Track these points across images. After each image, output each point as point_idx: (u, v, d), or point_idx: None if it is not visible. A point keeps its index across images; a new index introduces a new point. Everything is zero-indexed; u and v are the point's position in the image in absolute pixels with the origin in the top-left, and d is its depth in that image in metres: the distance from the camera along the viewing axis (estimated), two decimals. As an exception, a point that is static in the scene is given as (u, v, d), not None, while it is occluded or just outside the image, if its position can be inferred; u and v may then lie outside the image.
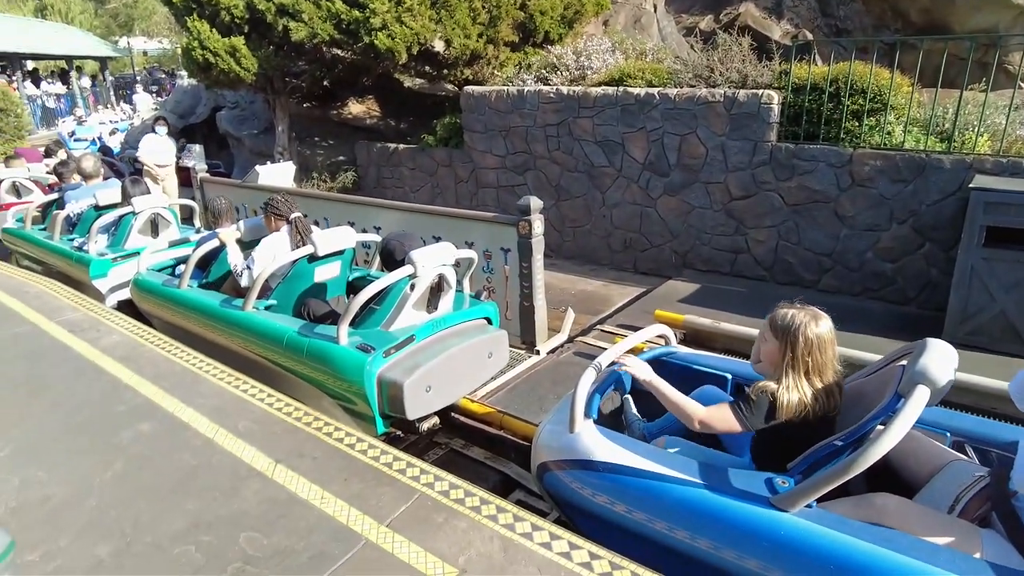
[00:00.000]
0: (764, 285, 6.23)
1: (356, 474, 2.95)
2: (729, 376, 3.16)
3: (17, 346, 4.58)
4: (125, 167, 11.65)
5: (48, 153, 10.90)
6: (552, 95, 7.26)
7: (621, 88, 6.79)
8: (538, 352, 4.98)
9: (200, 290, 4.86)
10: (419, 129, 9.53)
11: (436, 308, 4.01)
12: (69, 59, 23.82)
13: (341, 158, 10.29)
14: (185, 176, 9.54)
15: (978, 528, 2.09)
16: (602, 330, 5.39)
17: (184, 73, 18.58)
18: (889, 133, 5.55)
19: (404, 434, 4.17)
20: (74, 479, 2.99)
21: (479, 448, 4.16)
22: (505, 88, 7.77)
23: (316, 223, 6.12)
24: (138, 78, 27.58)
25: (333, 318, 4.10)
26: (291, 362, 4.00)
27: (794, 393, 2.20)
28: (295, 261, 4.25)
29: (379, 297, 3.86)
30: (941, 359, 2.07)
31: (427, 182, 9.07)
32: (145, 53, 34.02)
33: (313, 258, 4.24)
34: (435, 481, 2.87)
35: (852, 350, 4.31)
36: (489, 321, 4.39)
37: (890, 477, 2.36)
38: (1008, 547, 1.99)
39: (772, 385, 2.26)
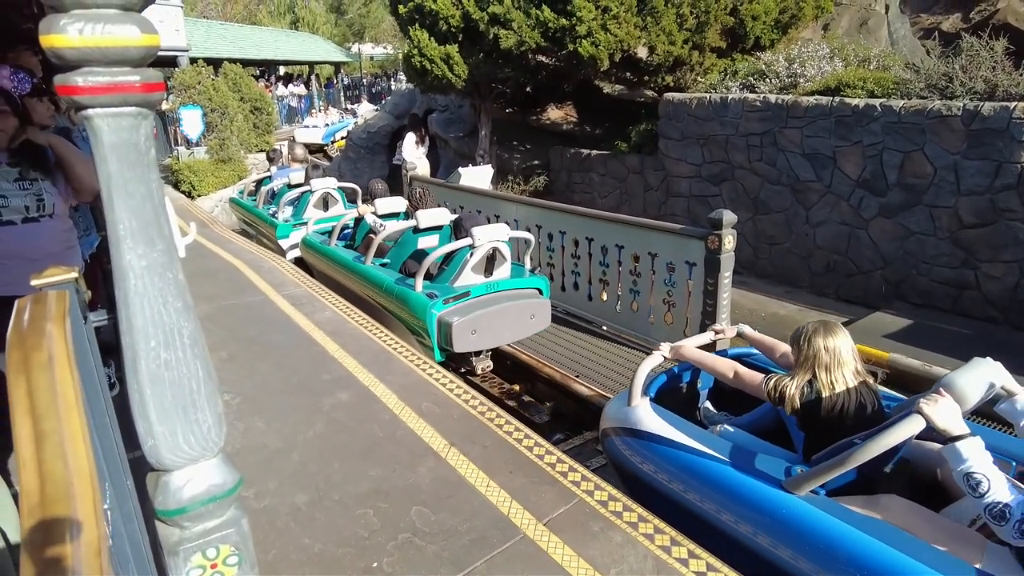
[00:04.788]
0: (995, 328, 5.38)
1: (520, 468, 3.05)
2: None
3: (252, 312, 5.36)
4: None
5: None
6: (758, 103, 6.89)
7: (837, 98, 6.25)
8: (715, 373, 4.76)
9: (343, 248, 6.23)
10: (613, 136, 9.56)
11: (491, 274, 4.96)
12: (311, 64, 27.27)
13: (535, 162, 10.64)
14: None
15: (986, 540, 2.08)
16: (789, 357, 5.01)
17: (403, 77, 20.39)
18: None
19: (470, 374, 5.14)
20: (285, 433, 3.44)
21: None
22: (707, 95, 7.52)
23: (507, 223, 6.42)
24: (364, 80, 30.80)
25: (426, 276, 5.08)
26: (387, 303, 5.17)
27: (793, 387, 2.48)
28: (403, 231, 5.51)
29: (449, 260, 4.89)
30: (973, 376, 2.21)
31: (616, 188, 9.06)
32: (372, 58, 37.81)
33: (417, 230, 5.37)
34: (595, 490, 2.88)
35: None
36: (540, 292, 5.19)
37: (936, 491, 2.42)
38: (1012, 561, 1.95)
39: (779, 376, 2.56)
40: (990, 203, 5.34)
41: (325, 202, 7.72)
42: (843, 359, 2.43)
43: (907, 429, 2.08)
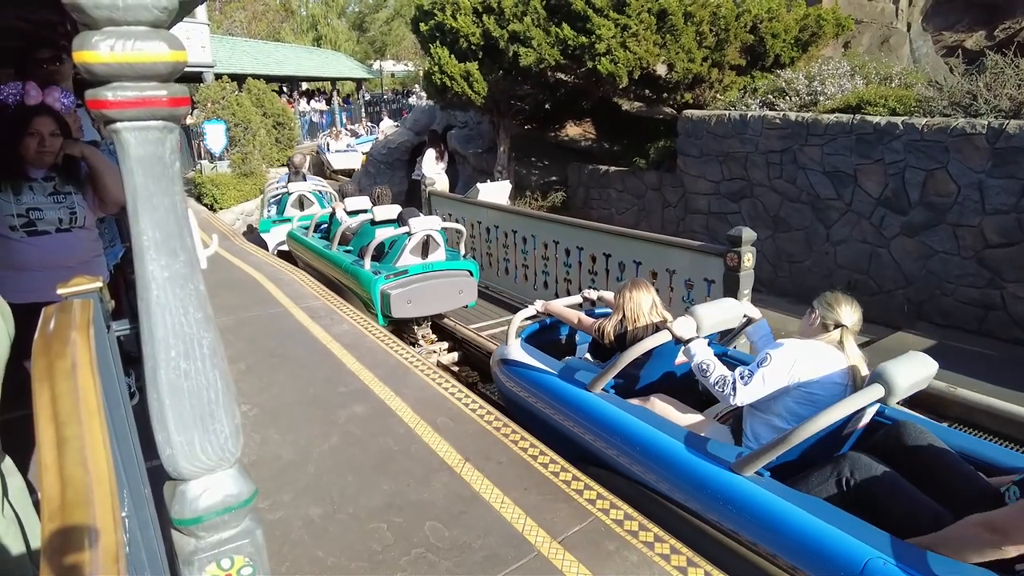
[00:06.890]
0: (1022, 350, 5.27)
1: (536, 485, 3.03)
2: None
3: (271, 324, 5.41)
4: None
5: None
6: (778, 121, 6.86)
7: (858, 116, 6.21)
8: (733, 391, 4.71)
9: (317, 240, 7.48)
10: (631, 152, 9.56)
11: (427, 256, 6.00)
12: (333, 80, 27.68)
13: (553, 178, 10.67)
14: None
15: (715, 423, 3.02)
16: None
17: (422, 93, 20.60)
18: None
19: (406, 335, 6.07)
20: (300, 445, 3.45)
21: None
22: (726, 112, 7.51)
23: (524, 239, 6.44)
24: (385, 96, 31.16)
25: (375, 259, 6.02)
26: (345, 280, 6.27)
27: (609, 325, 3.37)
28: (362, 223, 6.78)
29: (392, 245, 5.98)
30: (713, 308, 3.09)
31: (634, 204, 9.05)
32: (393, 75, 38.26)
33: (374, 222, 6.39)
34: (611, 508, 2.85)
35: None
36: (470, 273, 6.19)
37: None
38: (727, 434, 2.88)
39: (603, 319, 3.46)
40: (1016, 222, 5.25)
41: (302, 203, 9.13)
42: (642, 304, 3.33)
43: (657, 339, 3.00)
